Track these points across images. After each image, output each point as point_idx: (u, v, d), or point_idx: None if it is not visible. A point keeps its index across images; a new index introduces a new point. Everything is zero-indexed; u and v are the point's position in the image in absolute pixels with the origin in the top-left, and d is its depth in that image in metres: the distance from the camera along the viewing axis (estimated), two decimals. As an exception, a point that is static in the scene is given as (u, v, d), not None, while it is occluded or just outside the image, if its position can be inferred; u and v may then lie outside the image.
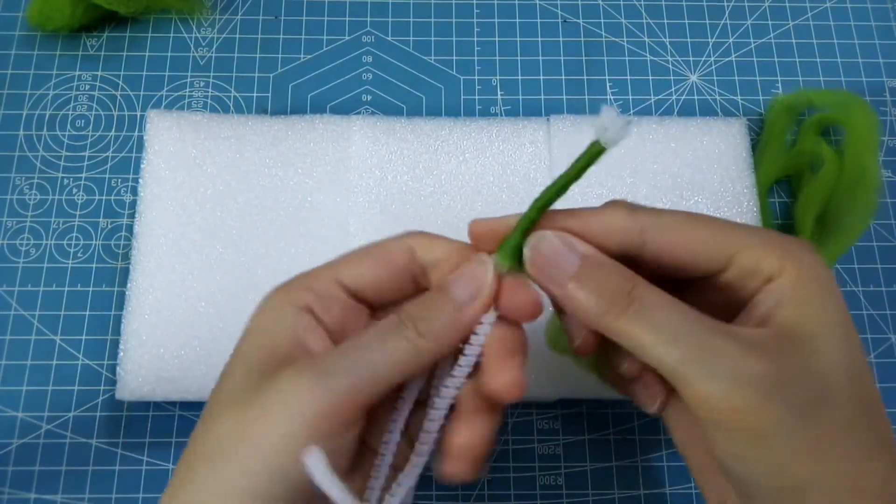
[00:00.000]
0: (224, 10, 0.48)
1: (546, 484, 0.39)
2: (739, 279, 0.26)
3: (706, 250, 0.26)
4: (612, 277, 0.25)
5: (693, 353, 0.23)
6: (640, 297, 0.25)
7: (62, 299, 0.41)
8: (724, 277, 0.26)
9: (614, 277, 0.25)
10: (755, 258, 0.26)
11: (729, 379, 0.23)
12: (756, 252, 0.26)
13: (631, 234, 0.26)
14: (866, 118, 0.43)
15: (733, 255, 0.26)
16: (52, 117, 0.45)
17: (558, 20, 0.48)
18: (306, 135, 0.41)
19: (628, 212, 0.27)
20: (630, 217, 0.27)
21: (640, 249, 0.26)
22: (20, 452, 0.39)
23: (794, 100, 0.45)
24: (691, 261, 0.26)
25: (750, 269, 0.26)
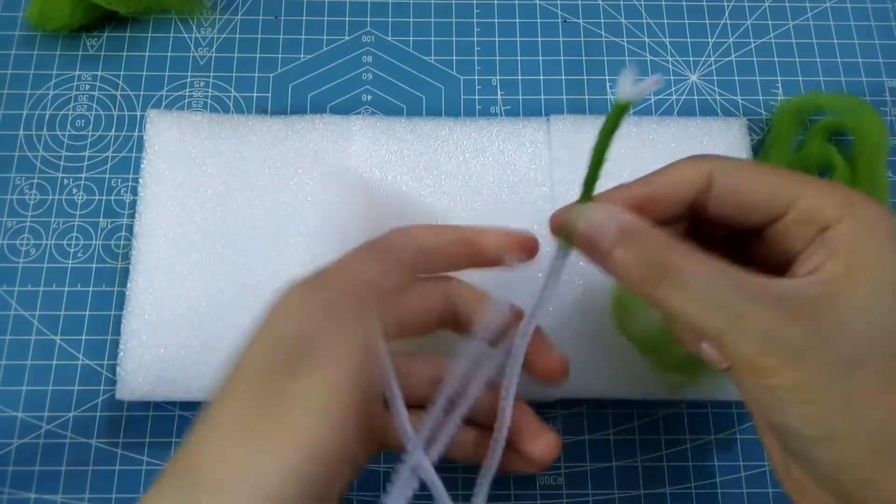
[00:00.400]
0: (224, 10, 0.48)
1: (546, 484, 0.39)
2: (799, 225, 0.26)
3: (769, 192, 0.26)
4: (648, 246, 0.26)
5: (728, 319, 0.24)
6: (676, 265, 0.25)
7: (62, 299, 0.41)
8: (784, 223, 0.26)
9: (650, 246, 0.26)
10: (815, 204, 0.26)
11: (762, 341, 0.24)
12: (817, 197, 0.26)
13: (698, 181, 0.27)
14: (877, 126, 0.42)
15: (794, 200, 0.26)
16: (52, 117, 0.45)
17: (558, 20, 0.48)
18: (306, 135, 0.41)
19: (693, 161, 0.28)
20: (695, 165, 0.27)
21: (707, 197, 0.27)
22: (20, 452, 0.39)
23: (804, 103, 0.45)
24: (754, 203, 0.27)
25: (809, 214, 0.26)
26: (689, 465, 0.39)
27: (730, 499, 0.39)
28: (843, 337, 0.24)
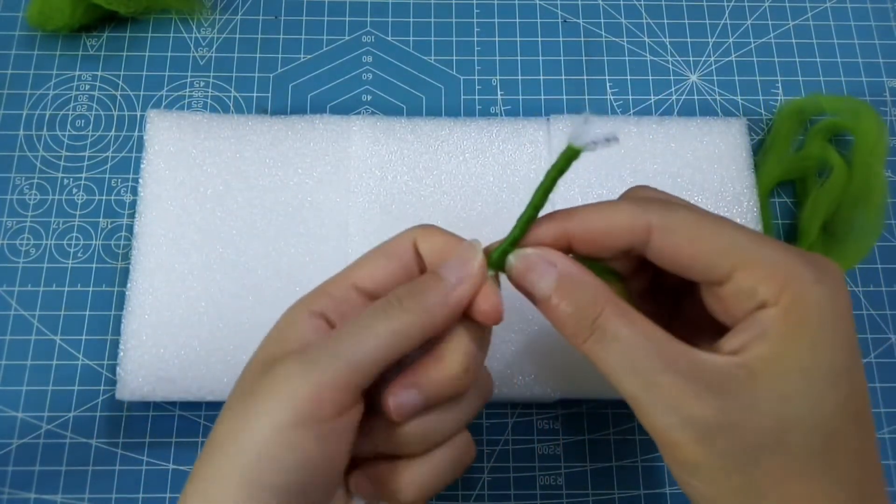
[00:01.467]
0: (224, 10, 0.48)
1: (546, 484, 0.39)
2: (735, 297, 0.25)
3: (707, 260, 0.25)
4: (582, 298, 0.26)
5: (643, 386, 0.24)
6: (603, 325, 0.25)
7: (62, 299, 0.41)
8: (722, 290, 0.25)
9: (584, 299, 0.26)
10: (754, 279, 0.24)
11: (671, 416, 0.24)
12: (756, 273, 0.24)
13: (634, 233, 0.26)
14: (876, 128, 0.43)
15: (732, 272, 0.25)
16: (52, 117, 0.45)
17: (558, 20, 0.48)
18: (306, 135, 0.41)
19: (636, 208, 0.26)
20: (637, 214, 0.26)
21: (645, 247, 0.26)
22: (20, 452, 0.39)
23: (805, 104, 0.45)
24: (691, 267, 0.26)
25: (746, 289, 0.25)
26: (689, 465, 0.39)
27: (730, 499, 0.39)
28: (754, 424, 0.23)
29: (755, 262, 0.25)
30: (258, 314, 0.38)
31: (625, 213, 0.26)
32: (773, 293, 0.24)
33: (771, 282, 0.24)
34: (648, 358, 0.24)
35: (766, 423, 0.23)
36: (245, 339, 0.37)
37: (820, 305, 0.24)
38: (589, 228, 0.27)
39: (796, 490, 0.23)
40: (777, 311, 0.24)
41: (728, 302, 0.25)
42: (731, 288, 0.25)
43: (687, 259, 0.26)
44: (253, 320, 0.38)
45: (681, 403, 0.24)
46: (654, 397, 0.24)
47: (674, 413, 0.24)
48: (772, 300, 0.24)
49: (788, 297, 0.24)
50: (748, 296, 0.24)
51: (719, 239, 0.25)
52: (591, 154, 0.26)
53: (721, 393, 0.23)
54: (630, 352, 0.24)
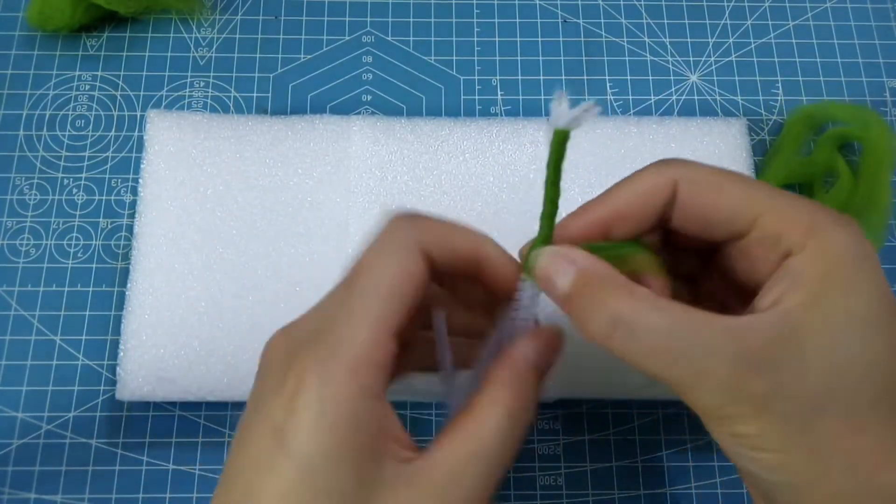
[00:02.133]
0: (224, 10, 0.48)
1: (546, 484, 0.39)
2: (761, 247, 0.24)
3: (731, 207, 0.25)
4: (603, 294, 0.24)
5: (688, 374, 0.23)
6: (629, 316, 0.24)
7: (62, 299, 0.41)
8: (747, 242, 0.25)
9: (605, 294, 0.24)
10: (778, 225, 0.24)
11: (722, 393, 0.23)
12: (780, 218, 0.24)
13: (663, 191, 0.26)
14: (885, 138, 0.42)
15: (756, 219, 0.24)
16: (52, 117, 0.45)
17: (558, 20, 0.48)
18: (306, 135, 0.41)
19: (658, 168, 0.26)
20: (659, 172, 0.26)
21: (671, 209, 0.26)
22: (20, 452, 0.39)
23: (817, 110, 0.45)
24: (716, 218, 0.25)
25: (771, 236, 0.24)
26: (689, 465, 0.39)
27: (730, 499, 0.39)
28: (807, 381, 0.22)
29: (778, 208, 0.24)
30: (258, 314, 0.38)
31: (649, 175, 0.26)
32: (800, 238, 0.23)
33: (796, 227, 0.24)
34: (685, 342, 0.23)
35: (819, 379, 0.22)
36: (245, 340, 0.37)
37: (847, 250, 0.23)
38: (619, 205, 0.26)
39: (856, 444, 0.23)
40: (806, 255, 0.23)
41: (754, 254, 0.25)
42: (755, 237, 0.24)
43: (711, 209, 0.25)
44: (253, 320, 0.38)
45: (732, 381, 0.23)
46: (699, 381, 0.23)
47: (725, 392, 0.23)
48: (798, 245, 0.23)
49: (815, 242, 0.23)
50: (774, 242, 0.24)
51: (742, 188, 0.25)
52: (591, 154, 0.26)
53: (768, 360, 0.22)
54: (666, 339, 0.23)
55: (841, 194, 0.42)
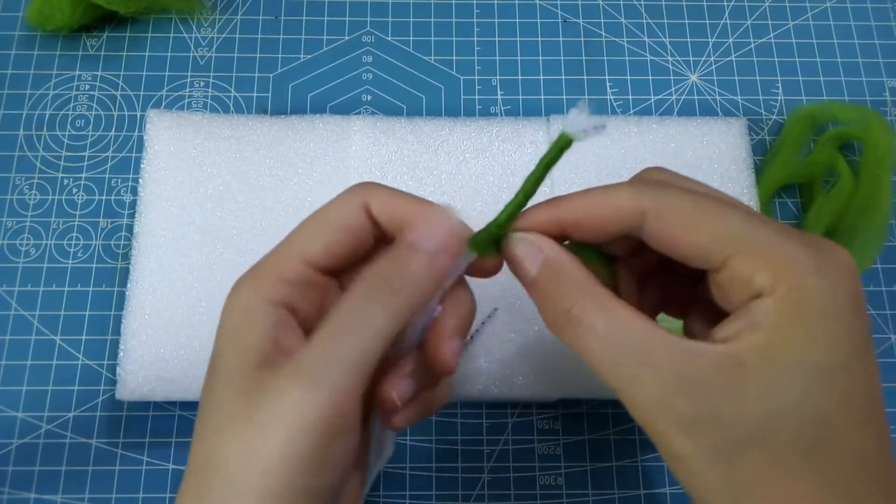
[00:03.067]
0: (224, 10, 0.48)
1: (546, 484, 0.39)
2: (730, 285, 0.24)
3: (702, 246, 0.24)
4: (562, 287, 0.25)
5: (625, 380, 0.24)
6: (579, 316, 0.24)
7: (62, 299, 0.41)
8: (718, 277, 0.24)
9: (564, 288, 0.25)
10: (749, 267, 0.23)
11: (654, 409, 0.23)
12: (752, 261, 0.23)
13: (629, 217, 0.25)
14: (886, 139, 0.42)
15: (727, 259, 0.24)
16: (52, 117, 0.45)
17: (558, 20, 0.48)
18: (306, 135, 0.41)
19: (631, 192, 0.26)
20: (630, 198, 0.25)
21: (640, 232, 0.26)
22: (20, 452, 0.39)
23: (818, 111, 0.45)
24: (686, 253, 0.25)
25: (741, 277, 0.23)
26: (689, 465, 0.39)
27: (730, 499, 0.39)
28: (739, 415, 0.22)
29: (751, 250, 0.24)
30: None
31: (618, 198, 0.26)
32: (769, 282, 0.23)
33: (767, 270, 0.23)
34: (627, 351, 0.24)
35: (752, 417, 0.22)
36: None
37: (819, 296, 0.23)
38: (582, 215, 0.26)
39: (783, 488, 0.23)
40: (772, 301, 0.23)
41: (725, 289, 0.24)
42: (726, 275, 0.24)
43: (681, 245, 0.25)
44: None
45: (662, 397, 0.23)
46: (635, 390, 0.24)
47: (656, 406, 0.23)
48: (767, 290, 0.23)
49: (785, 287, 0.23)
50: (744, 284, 0.23)
51: (715, 224, 0.24)
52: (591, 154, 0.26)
53: (705, 386, 0.23)
54: (608, 344, 0.24)
55: (841, 195, 0.43)
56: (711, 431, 0.23)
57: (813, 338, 0.23)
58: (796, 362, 0.22)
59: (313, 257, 0.26)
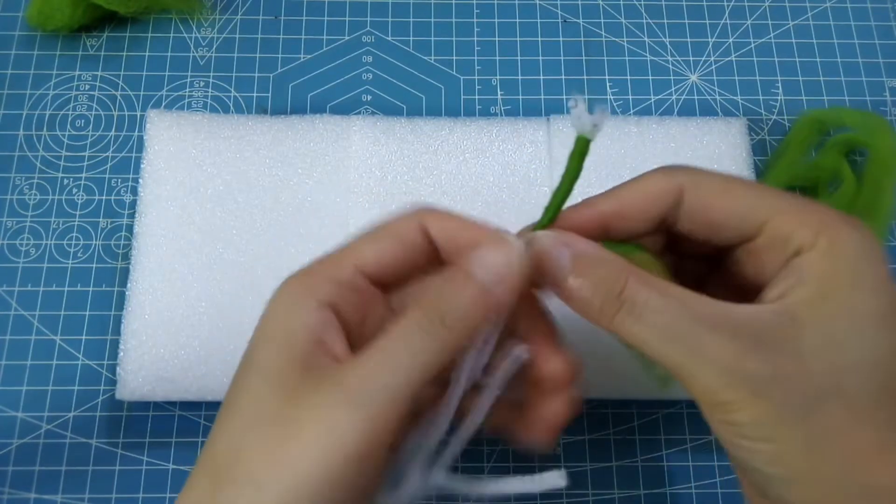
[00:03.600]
0: (224, 10, 0.48)
1: (546, 484, 0.39)
2: (770, 249, 0.25)
3: (739, 212, 0.25)
4: (603, 274, 0.25)
5: (687, 352, 0.23)
6: (632, 295, 0.24)
7: (62, 299, 0.41)
8: (755, 245, 0.25)
9: (605, 274, 0.25)
10: (788, 226, 0.24)
11: (721, 375, 0.23)
12: (789, 220, 0.24)
13: (668, 196, 0.26)
14: (890, 144, 0.42)
15: (765, 222, 0.25)
16: (52, 117, 0.45)
17: (558, 20, 0.48)
18: (306, 135, 0.41)
19: (665, 173, 0.26)
20: (666, 177, 0.26)
21: (677, 213, 0.26)
22: (20, 452, 0.39)
23: (826, 115, 0.45)
24: (724, 222, 0.25)
25: (781, 238, 0.24)
26: (689, 465, 0.39)
27: (730, 499, 0.39)
28: (807, 371, 0.22)
29: (787, 210, 0.25)
30: (258, 314, 0.38)
31: (654, 181, 0.26)
32: (810, 238, 0.24)
33: (806, 227, 0.24)
34: (687, 322, 0.23)
35: (819, 370, 0.22)
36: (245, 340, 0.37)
37: (857, 248, 0.23)
38: (622, 203, 0.26)
39: (860, 437, 0.22)
40: (815, 254, 0.24)
41: (763, 255, 0.25)
42: (765, 239, 0.25)
43: (719, 213, 0.25)
44: (253, 320, 0.37)
45: (730, 362, 0.23)
46: (700, 361, 0.23)
47: (724, 373, 0.23)
48: (808, 244, 0.24)
49: (825, 241, 0.23)
50: (784, 243, 0.24)
51: (750, 192, 0.25)
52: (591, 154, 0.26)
53: (769, 344, 0.23)
54: (666, 319, 0.23)
55: (843, 199, 0.42)
56: (785, 389, 0.23)
57: (860, 285, 0.23)
58: (850, 309, 0.23)
59: (365, 264, 0.26)
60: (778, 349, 0.23)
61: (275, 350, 0.24)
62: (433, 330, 0.24)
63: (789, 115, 0.47)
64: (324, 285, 0.25)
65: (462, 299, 0.24)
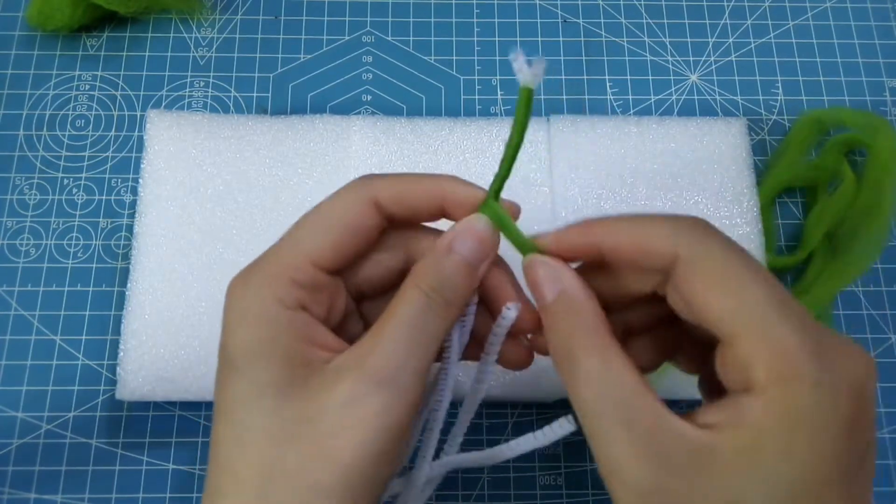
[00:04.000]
0: (224, 10, 0.48)
1: (546, 484, 0.39)
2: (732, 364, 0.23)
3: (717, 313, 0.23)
4: (570, 324, 0.25)
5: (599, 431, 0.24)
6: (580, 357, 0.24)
7: (62, 299, 0.41)
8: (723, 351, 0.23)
9: (570, 326, 0.25)
10: (752, 356, 0.22)
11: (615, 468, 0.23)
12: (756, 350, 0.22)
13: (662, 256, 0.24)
14: (891, 144, 0.42)
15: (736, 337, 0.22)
16: (52, 117, 0.45)
17: (558, 20, 0.48)
18: (306, 135, 0.41)
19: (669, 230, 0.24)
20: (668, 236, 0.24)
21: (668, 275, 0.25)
22: (20, 452, 0.39)
23: (826, 115, 0.45)
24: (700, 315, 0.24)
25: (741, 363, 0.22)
26: (689, 465, 0.39)
27: (730, 499, 0.39)
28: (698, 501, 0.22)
29: (759, 337, 0.22)
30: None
31: (656, 234, 0.25)
32: (764, 380, 0.22)
33: (765, 366, 0.22)
34: (612, 405, 0.23)
35: None
36: (245, 339, 0.37)
37: (810, 412, 0.21)
38: (618, 244, 0.26)
39: None
40: (761, 402, 0.22)
41: (726, 366, 0.23)
42: (730, 353, 0.23)
43: (699, 303, 0.23)
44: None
45: (628, 460, 0.23)
46: (608, 444, 0.23)
47: (620, 466, 0.23)
48: (759, 388, 0.22)
49: (778, 392, 0.22)
50: (741, 370, 0.22)
51: (737, 293, 0.23)
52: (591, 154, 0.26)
53: (673, 464, 0.22)
54: (596, 393, 0.24)
55: (843, 199, 0.43)
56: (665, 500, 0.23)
57: (791, 454, 0.21)
58: (768, 472, 0.22)
59: (322, 259, 0.26)
60: (679, 474, 0.22)
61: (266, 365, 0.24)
62: (437, 307, 0.25)
63: (789, 115, 0.47)
64: (289, 290, 0.25)
65: (458, 277, 0.26)
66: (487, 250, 0.27)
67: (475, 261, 0.26)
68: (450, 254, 0.26)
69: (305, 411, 0.24)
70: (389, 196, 0.27)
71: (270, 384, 0.24)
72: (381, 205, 0.27)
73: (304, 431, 0.24)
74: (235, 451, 0.24)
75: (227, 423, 0.25)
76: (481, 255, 0.27)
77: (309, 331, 0.25)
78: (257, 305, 0.25)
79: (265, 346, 0.25)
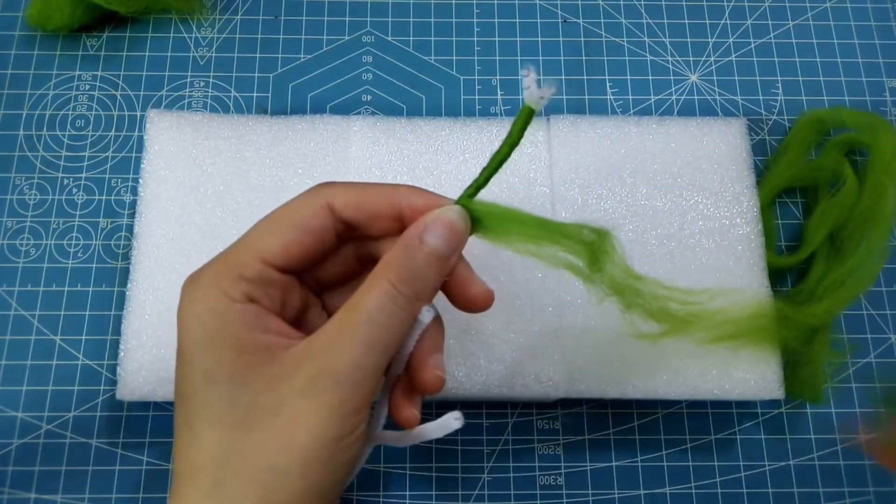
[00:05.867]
0: (224, 10, 0.48)
1: (546, 484, 0.39)
2: None
3: None
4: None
5: None
6: None
7: (62, 299, 0.41)
8: None
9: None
10: None
11: None
12: None
13: None
14: (893, 145, 0.42)
15: None
16: (52, 117, 0.45)
17: (558, 20, 0.48)
18: (306, 135, 0.41)
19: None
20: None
21: None
22: (20, 452, 0.39)
23: (827, 115, 0.45)
24: None
25: None
26: (689, 465, 0.39)
27: (730, 499, 0.39)
28: None
29: None
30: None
31: None
32: None
33: None
34: None
35: None
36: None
37: None
38: None
39: None
40: None
41: None
42: None
43: None
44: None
45: None
46: None
47: None
48: None
49: None
50: None
51: None
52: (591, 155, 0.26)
53: None
54: None
55: (845, 200, 0.42)
56: None
57: None
58: None
59: (271, 256, 0.26)
60: None
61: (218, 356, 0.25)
62: (404, 303, 0.26)
63: (789, 115, 0.47)
64: (236, 284, 0.26)
65: (429, 270, 0.26)
66: (460, 241, 0.27)
67: (448, 252, 0.27)
68: (421, 245, 0.26)
69: (262, 398, 0.25)
70: (345, 201, 0.27)
71: (221, 371, 0.25)
72: (335, 208, 0.27)
73: (261, 417, 0.24)
74: (188, 437, 0.25)
75: (180, 412, 0.26)
76: (454, 247, 0.27)
77: (261, 321, 0.26)
78: (206, 299, 0.26)
79: (213, 335, 0.25)
